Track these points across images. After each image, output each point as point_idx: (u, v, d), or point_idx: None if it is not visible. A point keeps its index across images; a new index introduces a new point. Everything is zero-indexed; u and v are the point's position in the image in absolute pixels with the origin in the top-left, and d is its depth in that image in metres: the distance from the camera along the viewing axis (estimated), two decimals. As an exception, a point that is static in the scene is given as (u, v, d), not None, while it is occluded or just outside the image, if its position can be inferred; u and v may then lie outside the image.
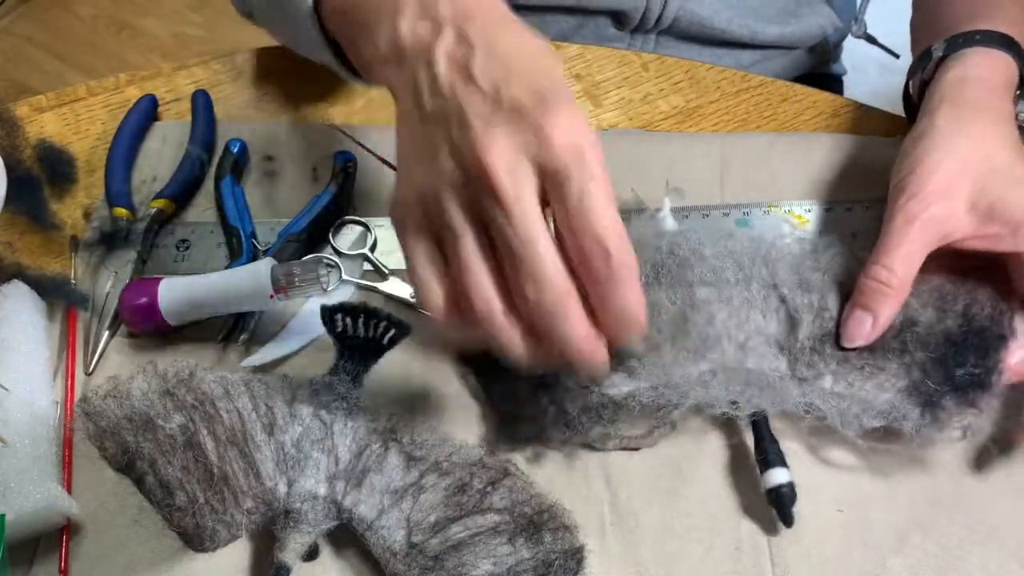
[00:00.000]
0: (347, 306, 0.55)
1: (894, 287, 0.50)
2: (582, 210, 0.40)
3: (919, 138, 0.55)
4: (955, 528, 0.50)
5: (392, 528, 0.47)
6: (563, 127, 0.41)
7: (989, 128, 0.54)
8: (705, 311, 0.52)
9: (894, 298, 0.51)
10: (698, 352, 0.52)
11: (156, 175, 0.65)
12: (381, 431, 0.50)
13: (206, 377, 0.47)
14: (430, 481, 0.49)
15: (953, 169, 0.52)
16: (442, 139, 0.43)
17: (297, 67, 0.72)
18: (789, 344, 0.52)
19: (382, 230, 0.63)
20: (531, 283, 0.41)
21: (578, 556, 0.48)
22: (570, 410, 0.52)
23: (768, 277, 0.54)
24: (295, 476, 0.47)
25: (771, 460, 0.50)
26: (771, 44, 0.85)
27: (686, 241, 0.55)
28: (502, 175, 0.41)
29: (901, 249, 0.51)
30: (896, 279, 0.50)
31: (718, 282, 0.53)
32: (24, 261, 0.60)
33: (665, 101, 0.71)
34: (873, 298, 0.51)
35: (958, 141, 0.53)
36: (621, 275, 0.41)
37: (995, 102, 0.56)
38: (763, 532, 0.50)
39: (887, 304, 0.51)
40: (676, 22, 0.80)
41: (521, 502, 0.49)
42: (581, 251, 0.41)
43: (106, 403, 0.44)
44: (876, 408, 0.50)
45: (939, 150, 0.53)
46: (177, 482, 0.43)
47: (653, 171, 0.65)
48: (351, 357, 0.54)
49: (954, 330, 0.52)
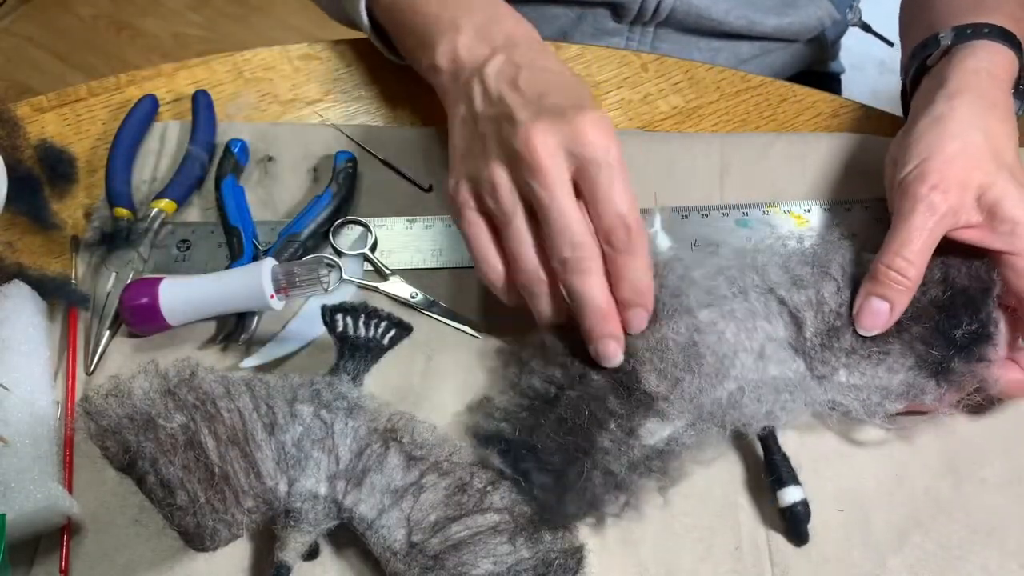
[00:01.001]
0: (347, 306, 0.55)
1: (912, 279, 0.51)
2: (609, 192, 0.49)
3: (937, 121, 0.54)
4: (955, 528, 0.50)
5: (392, 527, 0.47)
6: (595, 127, 0.49)
7: (1000, 125, 0.55)
8: (712, 331, 0.52)
9: (911, 289, 0.52)
10: (719, 372, 0.51)
11: (156, 175, 0.65)
12: (381, 431, 0.50)
13: (207, 377, 0.47)
14: (430, 481, 0.49)
15: (970, 160, 0.52)
16: (492, 135, 0.52)
17: (297, 67, 0.72)
18: (800, 344, 0.53)
19: (382, 230, 0.63)
20: (567, 245, 0.49)
21: (578, 555, 0.48)
22: (616, 470, 0.49)
23: (762, 283, 0.54)
24: (296, 475, 0.47)
25: (784, 479, 0.50)
26: (770, 36, 0.85)
27: (672, 271, 0.54)
28: (545, 159, 0.49)
29: (922, 241, 0.51)
30: (915, 270, 0.51)
31: (716, 301, 0.53)
32: (25, 261, 0.60)
33: (665, 101, 0.71)
34: (891, 288, 0.51)
35: (976, 133, 0.53)
36: (637, 245, 0.50)
37: (1004, 98, 0.56)
38: (763, 532, 0.50)
39: (905, 295, 0.52)
40: (674, 13, 0.80)
41: (521, 501, 0.49)
42: (606, 226, 0.50)
43: (107, 402, 0.44)
44: (894, 391, 0.51)
45: (959, 139, 0.53)
46: (178, 481, 0.43)
47: (653, 171, 0.65)
48: (351, 357, 0.54)
49: (940, 297, 0.52)
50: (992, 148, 0.53)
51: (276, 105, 0.70)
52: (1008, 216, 0.51)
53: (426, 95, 0.71)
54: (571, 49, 0.74)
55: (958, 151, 0.52)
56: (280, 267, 0.55)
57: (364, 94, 0.71)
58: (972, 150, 0.53)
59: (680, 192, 0.64)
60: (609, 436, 0.50)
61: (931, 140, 0.54)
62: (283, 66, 0.72)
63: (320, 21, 0.79)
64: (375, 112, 0.70)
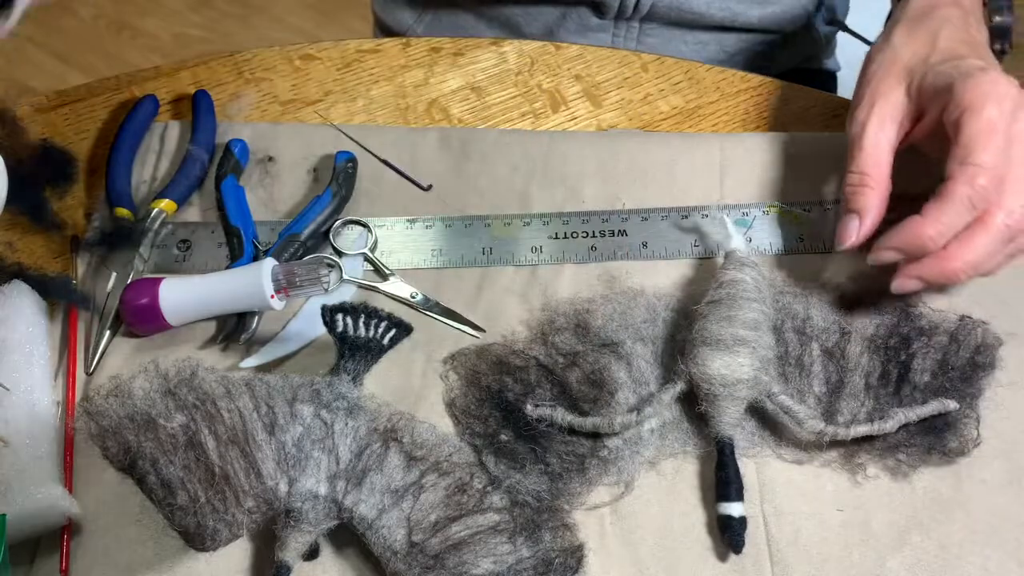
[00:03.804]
0: (347, 306, 0.55)
1: (870, 185, 0.53)
2: None
3: (873, 55, 0.58)
4: (955, 528, 0.50)
5: (392, 527, 0.47)
6: None
7: (923, 33, 0.57)
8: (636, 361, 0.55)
9: (874, 194, 0.53)
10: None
11: (157, 175, 0.65)
12: (381, 431, 0.50)
13: (207, 377, 0.47)
14: (430, 481, 0.49)
15: (889, 70, 0.56)
16: None
17: (297, 67, 0.72)
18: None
19: (382, 230, 0.63)
20: None
21: (578, 554, 0.48)
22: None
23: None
24: (296, 475, 0.47)
25: (730, 495, 0.49)
26: (756, 27, 0.85)
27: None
28: None
29: (864, 152, 0.54)
30: (870, 178, 0.54)
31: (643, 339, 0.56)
32: (25, 261, 0.60)
33: (665, 101, 0.71)
34: (855, 199, 0.53)
35: (893, 48, 0.57)
36: None
37: (935, 14, 0.58)
38: (763, 532, 0.50)
39: (869, 200, 0.53)
40: (655, 8, 0.81)
41: (520, 501, 0.49)
42: None
43: (108, 402, 0.44)
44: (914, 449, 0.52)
45: (876, 60, 0.57)
46: (178, 481, 0.43)
47: (653, 171, 0.65)
48: (351, 357, 0.54)
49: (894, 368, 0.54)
50: (923, 52, 0.55)
51: (276, 105, 0.70)
52: (932, 90, 0.53)
53: (426, 95, 0.71)
54: (571, 49, 0.74)
55: (885, 69, 0.56)
56: (280, 267, 0.55)
57: (364, 94, 0.71)
58: (898, 63, 0.56)
59: (680, 192, 0.64)
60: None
61: (866, 72, 0.58)
62: (283, 66, 0.72)
63: (320, 21, 0.79)
64: (375, 112, 0.70)
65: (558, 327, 0.57)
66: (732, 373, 0.51)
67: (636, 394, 0.54)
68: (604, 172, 0.65)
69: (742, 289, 0.53)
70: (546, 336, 0.56)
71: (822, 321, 0.56)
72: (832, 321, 0.56)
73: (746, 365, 0.51)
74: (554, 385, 0.54)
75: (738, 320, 0.52)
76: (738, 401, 0.51)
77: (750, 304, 0.53)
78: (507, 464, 0.51)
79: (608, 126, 0.70)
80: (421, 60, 0.73)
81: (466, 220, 0.63)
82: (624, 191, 0.64)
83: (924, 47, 0.56)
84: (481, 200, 0.65)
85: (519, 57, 0.74)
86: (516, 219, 0.63)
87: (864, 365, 0.54)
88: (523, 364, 0.55)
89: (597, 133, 0.69)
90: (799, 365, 0.54)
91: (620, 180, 0.65)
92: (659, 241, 0.62)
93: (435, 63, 0.73)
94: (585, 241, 0.62)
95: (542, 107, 0.71)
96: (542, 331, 0.57)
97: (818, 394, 0.54)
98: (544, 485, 0.50)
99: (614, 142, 0.67)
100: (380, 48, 0.74)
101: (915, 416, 0.51)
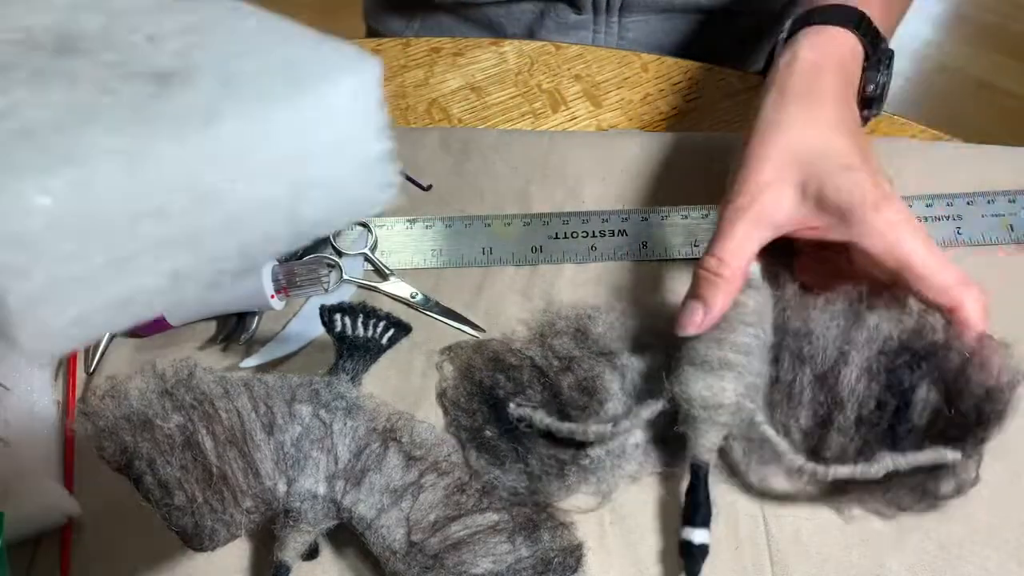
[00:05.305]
0: (347, 306, 0.55)
1: (724, 276, 0.51)
2: None
3: (750, 131, 0.54)
4: (955, 528, 0.50)
5: (392, 527, 0.47)
6: None
7: (818, 112, 0.53)
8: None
9: (725, 287, 0.51)
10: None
11: (157, 175, 0.65)
12: (380, 431, 0.50)
13: (205, 377, 0.47)
14: (429, 480, 0.49)
15: (780, 159, 0.52)
16: None
17: (297, 67, 0.72)
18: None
19: (382, 230, 0.63)
20: None
21: (577, 553, 0.48)
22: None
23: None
24: (294, 475, 0.47)
25: (695, 520, 0.48)
26: (734, 8, 0.84)
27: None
28: None
29: (731, 242, 0.51)
30: (727, 269, 0.51)
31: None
32: (25, 261, 0.60)
33: (665, 102, 0.71)
34: (704, 287, 0.51)
35: (785, 131, 0.53)
36: None
37: (824, 84, 0.54)
38: (763, 532, 0.50)
39: (718, 292, 0.51)
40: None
41: (520, 501, 0.49)
42: None
43: (104, 403, 0.44)
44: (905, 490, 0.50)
45: (766, 142, 0.53)
46: (176, 482, 0.43)
47: (653, 171, 0.65)
48: (350, 357, 0.54)
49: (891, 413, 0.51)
50: (810, 140, 0.52)
51: (276, 105, 0.70)
52: (835, 206, 0.51)
53: (426, 95, 0.71)
54: (571, 49, 0.74)
55: (766, 154, 0.52)
56: (280, 267, 0.55)
57: (364, 94, 0.71)
58: (782, 149, 0.52)
59: (680, 192, 0.64)
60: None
61: (744, 151, 0.53)
62: (283, 66, 0.72)
63: (320, 21, 0.79)
64: (375, 112, 0.70)
65: (558, 330, 0.56)
66: (714, 396, 0.49)
67: (626, 407, 0.53)
68: (604, 172, 0.65)
69: (741, 312, 0.52)
70: (545, 338, 0.56)
71: (821, 339, 0.53)
72: (833, 337, 0.52)
73: (729, 390, 0.49)
74: (546, 388, 0.54)
75: (728, 343, 0.50)
76: (718, 427, 0.50)
77: (745, 328, 0.51)
78: (488, 460, 0.51)
79: (608, 126, 0.70)
80: (421, 60, 0.73)
81: (466, 220, 0.63)
82: (624, 191, 0.64)
83: (817, 137, 0.52)
84: (481, 200, 0.65)
85: (519, 57, 0.74)
86: (516, 219, 0.63)
87: (860, 393, 0.51)
88: (518, 363, 0.55)
89: (597, 133, 0.69)
90: (788, 394, 0.52)
91: (620, 180, 0.65)
92: (659, 241, 0.62)
93: (435, 63, 0.73)
94: (585, 241, 0.62)
95: (542, 107, 0.71)
96: (541, 332, 0.57)
97: (804, 428, 0.51)
98: (522, 483, 0.50)
99: (614, 142, 0.67)
100: (380, 48, 0.74)
101: (905, 464, 0.48)
